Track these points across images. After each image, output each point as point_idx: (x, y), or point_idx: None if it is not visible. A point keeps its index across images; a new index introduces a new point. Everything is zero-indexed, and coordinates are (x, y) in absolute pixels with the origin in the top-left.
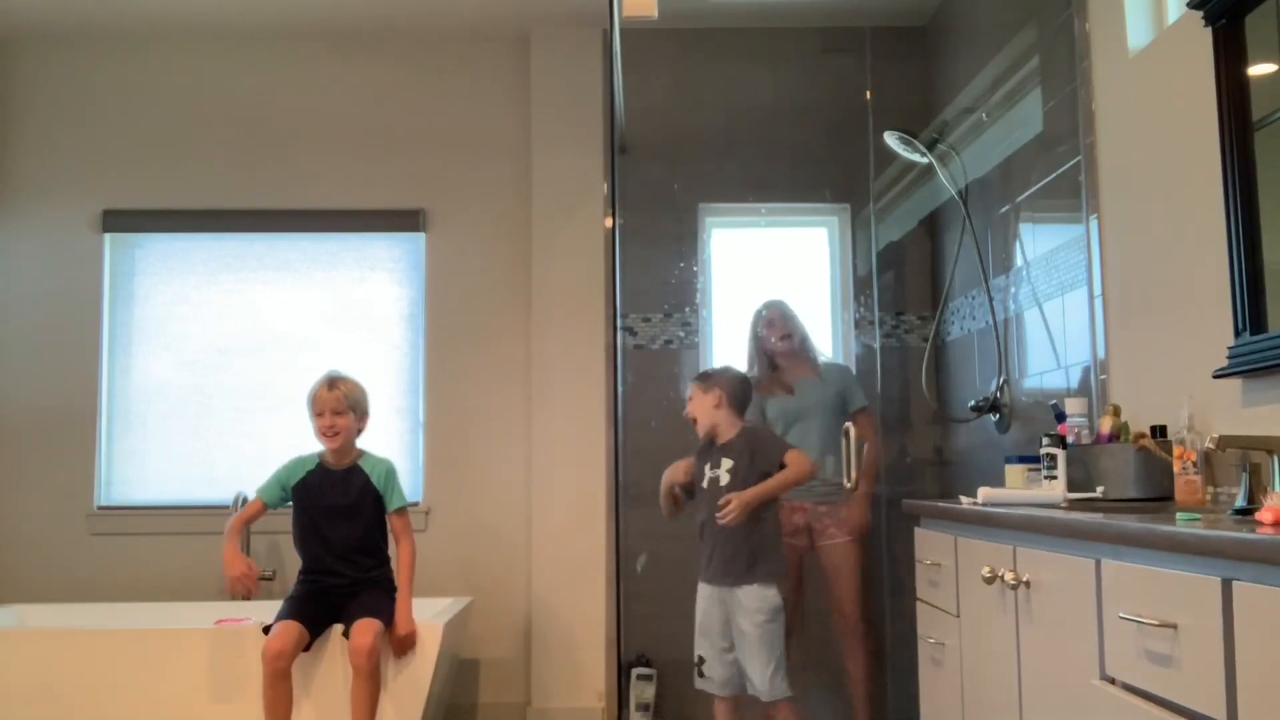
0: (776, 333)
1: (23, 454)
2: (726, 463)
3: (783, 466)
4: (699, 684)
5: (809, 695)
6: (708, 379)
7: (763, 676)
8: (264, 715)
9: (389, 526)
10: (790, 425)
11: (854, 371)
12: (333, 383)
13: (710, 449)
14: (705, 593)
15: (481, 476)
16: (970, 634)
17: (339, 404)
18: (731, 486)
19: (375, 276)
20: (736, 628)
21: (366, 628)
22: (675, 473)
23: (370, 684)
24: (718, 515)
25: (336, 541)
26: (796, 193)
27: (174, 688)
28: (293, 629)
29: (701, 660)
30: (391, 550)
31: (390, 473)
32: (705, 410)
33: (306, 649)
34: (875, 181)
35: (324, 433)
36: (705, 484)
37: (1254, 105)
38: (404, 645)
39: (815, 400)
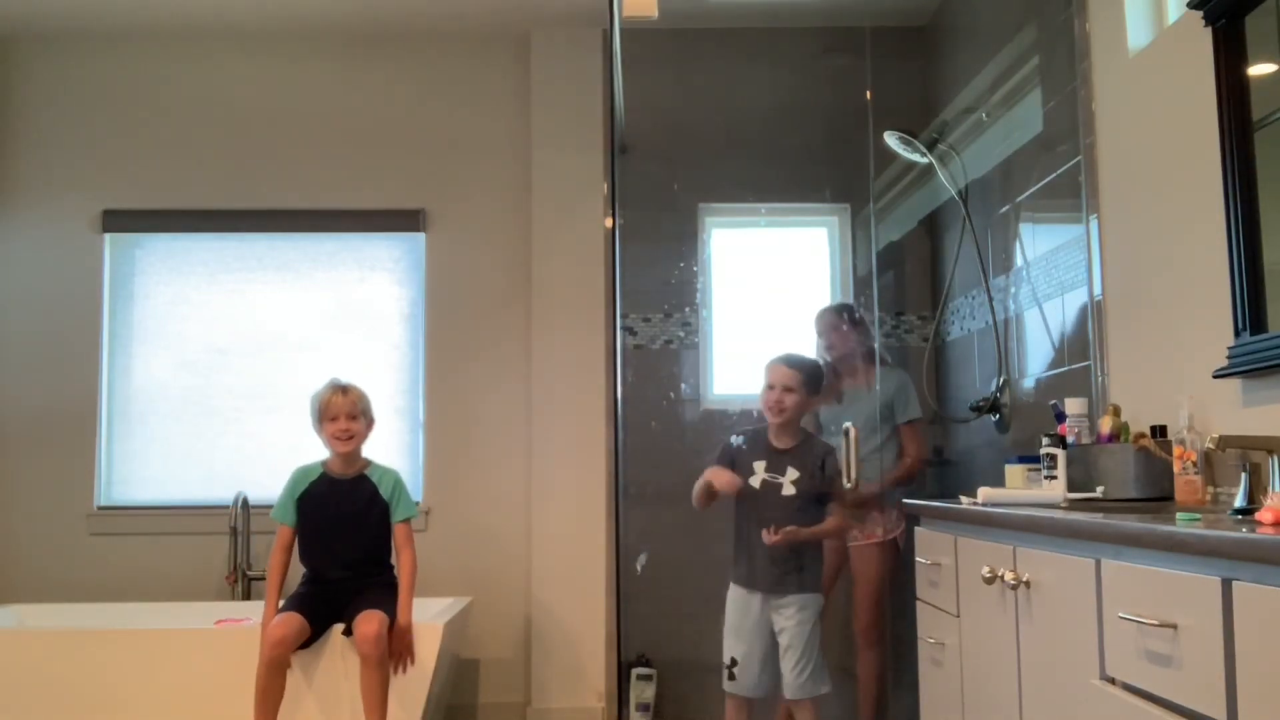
0: (824, 342)
1: (23, 454)
2: (792, 472)
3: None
4: (727, 686)
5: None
6: (812, 379)
7: (798, 675)
8: (255, 703)
9: (392, 535)
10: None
11: (910, 380)
12: (344, 389)
13: (762, 447)
14: (741, 596)
15: (481, 476)
16: (970, 634)
17: (353, 408)
18: (797, 497)
19: (375, 276)
20: (779, 630)
21: (371, 617)
22: (719, 480)
23: (379, 672)
24: (768, 535)
25: (342, 551)
26: (796, 193)
27: (174, 688)
28: (295, 619)
29: (734, 662)
30: (394, 559)
31: (399, 483)
32: (798, 413)
33: (306, 646)
34: (875, 181)
35: (337, 437)
36: (758, 485)
37: (1254, 105)
38: (402, 645)
39: (862, 410)
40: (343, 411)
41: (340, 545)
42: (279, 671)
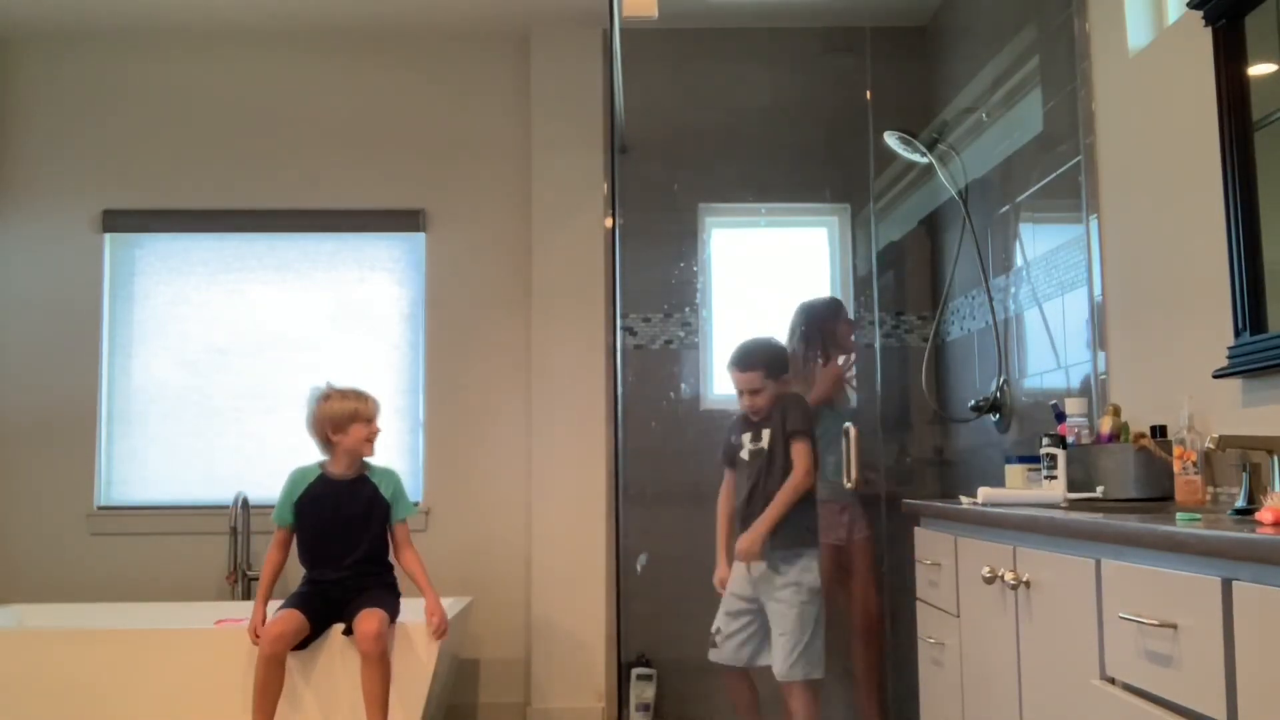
0: (837, 334)
1: (23, 454)
2: (766, 433)
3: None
4: (712, 655)
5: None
6: (774, 366)
7: (785, 655)
8: (254, 699)
9: (391, 534)
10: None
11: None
12: (356, 392)
13: (744, 422)
14: (740, 568)
15: (481, 476)
16: (970, 634)
17: (379, 412)
18: (771, 453)
19: (375, 276)
20: (770, 601)
21: (371, 615)
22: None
23: (380, 670)
24: (738, 557)
25: (343, 552)
26: (796, 193)
27: (174, 688)
28: (294, 616)
29: (718, 631)
30: (393, 558)
31: (399, 483)
32: (770, 399)
33: (305, 646)
34: (875, 181)
35: (370, 440)
36: (747, 456)
37: (1254, 105)
38: (439, 621)
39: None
40: (376, 413)
41: (341, 546)
42: (277, 667)
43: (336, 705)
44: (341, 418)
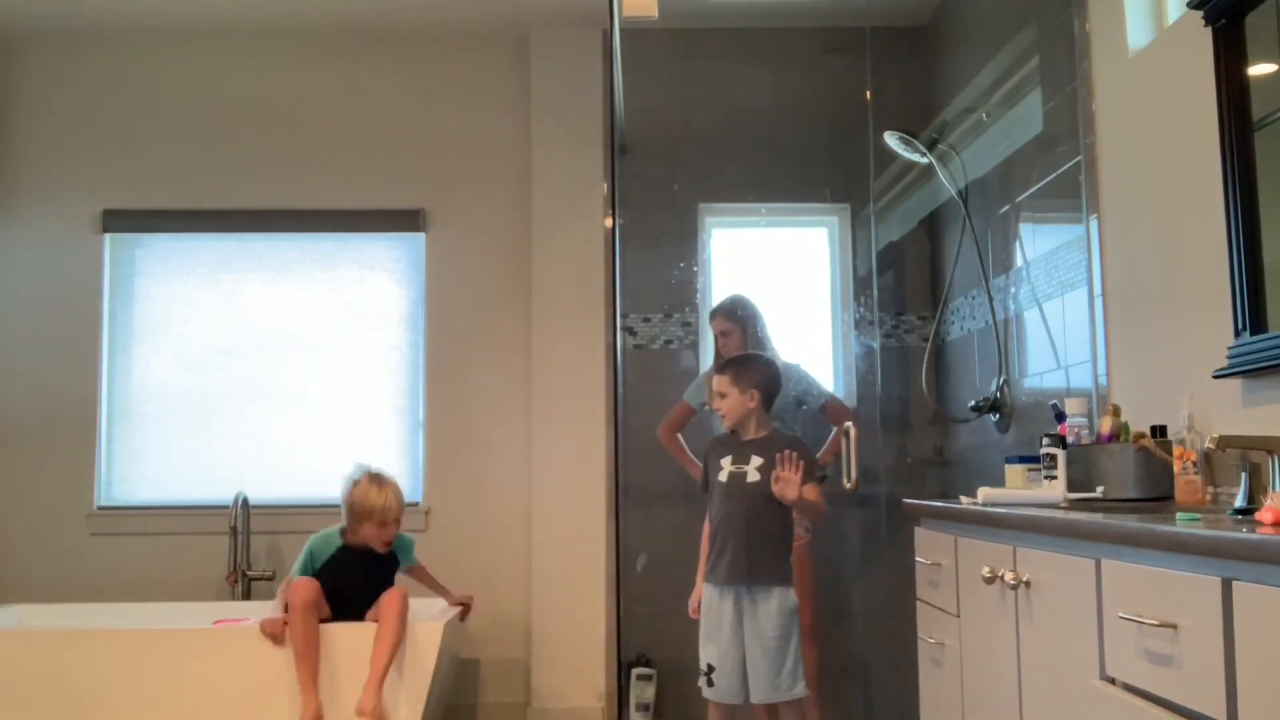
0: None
1: (23, 454)
2: (756, 460)
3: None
4: (707, 693)
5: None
6: (742, 374)
7: (778, 676)
8: (296, 653)
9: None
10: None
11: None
12: (386, 488)
13: (730, 442)
14: (713, 594)
15: (481, 476)
16: (970, 634)
17: (399, 512)
18: (762, 484)
19: (375, 276)
20: (754, 630)
21: (395, 590)
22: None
23: (397, 624)
24: (775, 486)
25: (358, 606)
26: (796, 193)
27: (173, 688)
28: (314, 586)
29: (711, 669)
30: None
31: (410, 544)
32: (737, 411)
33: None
34: (875, 181)
35: (386, 540)
36: (725, 478)
37: (1254, 105)
38: (465, 612)
39: None
40: (391, 518)
41: (358, 603)
42: (314, 619)
43: (338, 705)
44: (359, 513)
